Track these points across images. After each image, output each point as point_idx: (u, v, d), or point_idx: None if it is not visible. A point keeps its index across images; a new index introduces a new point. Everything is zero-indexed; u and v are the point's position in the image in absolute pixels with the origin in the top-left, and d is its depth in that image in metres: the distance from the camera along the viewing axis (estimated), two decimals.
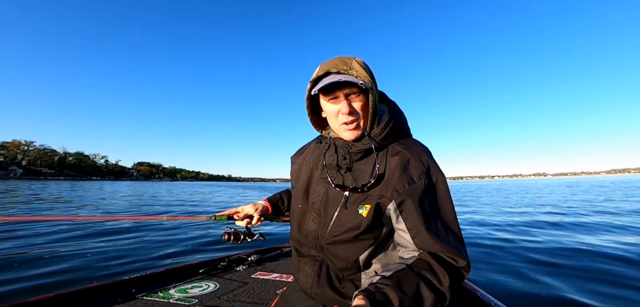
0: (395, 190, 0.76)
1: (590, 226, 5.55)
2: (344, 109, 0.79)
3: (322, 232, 0.85)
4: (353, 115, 0.81)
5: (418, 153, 0.82)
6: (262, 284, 1.61)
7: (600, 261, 3.29)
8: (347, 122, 0.81)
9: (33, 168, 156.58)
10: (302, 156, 1.06)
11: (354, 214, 0.80)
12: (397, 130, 0.86)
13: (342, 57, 0.83)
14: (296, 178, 1.04)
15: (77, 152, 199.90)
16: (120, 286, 1.48)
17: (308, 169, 0.99)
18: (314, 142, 1.05)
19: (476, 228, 5.62)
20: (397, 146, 0.84)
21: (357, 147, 0.84)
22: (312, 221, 0.89)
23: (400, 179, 0.77)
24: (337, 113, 0.82)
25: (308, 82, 0.85)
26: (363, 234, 0.79)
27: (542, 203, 10.61)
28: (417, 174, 0.77)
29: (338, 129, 0.85)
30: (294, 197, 1.01)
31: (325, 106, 0.85)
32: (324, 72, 0.80)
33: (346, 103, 0.79)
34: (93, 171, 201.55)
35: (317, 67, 0.85)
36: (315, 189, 0.92)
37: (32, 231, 4.76)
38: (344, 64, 0.80)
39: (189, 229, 5.13)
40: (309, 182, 0.96)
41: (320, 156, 0.95)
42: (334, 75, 0.77)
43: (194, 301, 1.37)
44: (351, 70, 0.78)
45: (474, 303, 1.32)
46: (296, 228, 0.96)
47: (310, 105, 0.90)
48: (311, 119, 0.94)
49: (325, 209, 0.86)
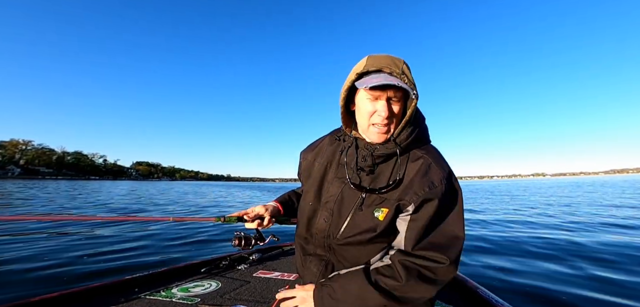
0: (415, 193, 0.75)
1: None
2: (382, 111, 0.77)
3: (335, 232, 0.83)
4: (389, 120, 0.79)
5: (439, 160, 0.81)
6: (264, 283, 1.62)
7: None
8: (380, 124, 0.79)
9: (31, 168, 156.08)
10: (315, 152, 1.02)
11: (369, 216, 0.79)
12: (421, 136, 0.85)
13: (394, 58, 0.80)
14: (307, 174, 1.00)
15: (75, 152, 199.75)
16: (122, 285, 1.48)
17: (322, 165, 0.95)
18: (329, 138, 1.01)
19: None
20: (418, 152, 0.83)
21: (381, 151, 0.82)
22: (324, 220, 0.87)
23: (421, 183, 0.76)
24: (373, 113, 0.79)
25: (350, 72, 0.81)
26: (378, 237, 0.78)
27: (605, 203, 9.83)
28: (438, 178, 0.76)
29: (367, 128, 0.83)
30: (305, 194, 0.98)
31: (362, 102, 0.81)
32: (375, 68, 0.77)
33: (386, 106, 0.77)
34: (92, 170, 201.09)
35: (365, 59, 0.81)
36: (329, 187, 0.89)
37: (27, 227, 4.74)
38: (396, 66, 0.77)
39: (194, 228, 5.10)
40: (322, 179, 0.93)
41: (336, 153, 0.93)
42: (387, 76, 0.75)
43: (196, 300, 1.38)
44: (403, 76, 0.76)
45: (475, 301, 1.33)
46: (304, 226, 0.93)
47: (345, 96, 0.85)
48: (342, 112, 0.88)
49: (339, 209, 0.84)
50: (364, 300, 0.73)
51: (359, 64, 0.81)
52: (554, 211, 8.19)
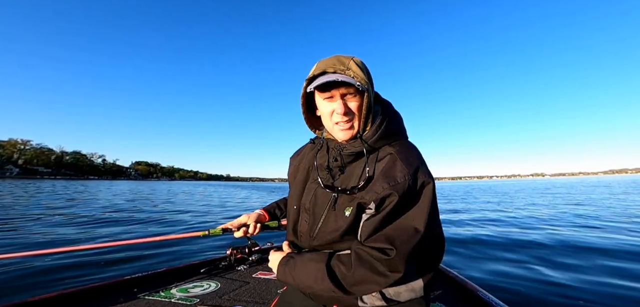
0: (375, 191, 0.75)
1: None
2: (339, 109, 0.79)
3: (313, 233, 0.86)
4: (348, 116, 0.80)
5: (407, 155, 0.80)
6: (263, 283, 1.62)
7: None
8: (341, 122, 0.81)
9: (30, 167, 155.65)
10: (299, 157, 1.05)
11: (340, 215, 0.80)
12: (390, 132, 0.84)
13: (340, 57, 0.81)
14: (293, 179, 1.03)
15: (74, 151, 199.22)
16: (122, 285, 1.49)
17: (304, 170, 0.98)
18: (310, 143, 1.04)
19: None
20: (389, 148, 0.82)
21: (349, 150, 0.84)
22: (305, 221, 0.90)
23: (384, 180, 0.75)
24: (332, 113, 0.81)
25: (304, 80, 0.84)
26: (346, 234, 0.79)
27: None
28: (401, 175, 0.75)
29: (332, 128, 0.85)
30: (290, 198, 1.01)
31: (320, 105, 0.84)
32: (320, 70, 0.80)
33: (341, 103, 0.79)
34: (90, 170, 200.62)
35: (315, 65, 0.84)
36: (308, 191, 0.92)
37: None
38: (341, 63, 0.79)
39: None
40: (304, 183, 0.96)
41: (314, 157, 0.95)
42: (331, 75, 0.77)
43: (196, 301, 1.38)
44: (348, 71, 0.77)
45: (475, 302, 1.33)
46: (291, 229, 0.97)
47: (305, 103, 0.89)
48: (305, 118, 0.94)
49: (313, 210, 0.87)
50: (316, 282, 0.77)
51: (310, 71, 0.84)
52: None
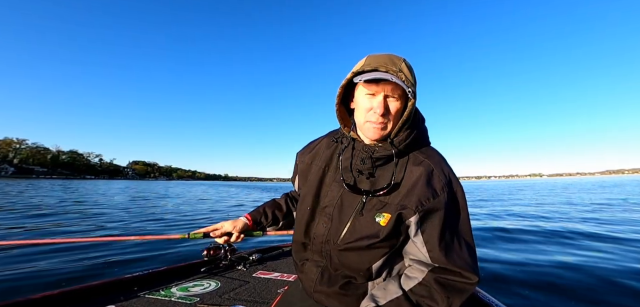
0: (420, 202, 0.74)
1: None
2: (379, 108, 0.76)
3: (334, 238, 0.81)
4: (385, 118, 0.77)
5: (440, 164, 0.80)
6: (263, 283, 1.63)
7: None
8: (376, 120, 0.77)
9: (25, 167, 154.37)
10: (312, 154, 0.99)
11: (370, 221, 0.77)
12: (420, 138, 0.84)
13: (392, 56, 0.79)
14: (304, 177, 0.97)
15: (70, 151, 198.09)
16: (122, 283, 1.49)
17: (319, 168, 0.92)
18: (326, 139, 0.98)
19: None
20: (420, 155, 0.81)
21: (380, 152, 0.81)
22: (323, 224, 0.84)
23: (425, 191, 0.74)
24: (369, 109, 0.78)
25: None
26: (380, 243, 0.76)
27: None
28: (440, 186, 0.75)
29: (363, 124, 0.80)
30: (302, 199, 0.94)
31: (360, 98, 0.80)
32: (371, 67, 0.77)
33: (383, 102, 0.76)
34: (87, 169, 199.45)
35: (364, 59, 0.81)
36: (328, 191, 0.87)
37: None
38: (393, 63, 0.77)
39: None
40: (320, 183, 0.90)
41: (335, 155, 0.90)
42: (383, 73, 0.75)
43: (196, 300, 1.39)
44: (400, 73, 0.75)
45: (475, 303, 1.33)
46: (302, 230, 0.90)
47: (342, 93, 0.85)
48: (338, 109, 0.88)
49: (339, 214, 0.82)
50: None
51: (358, 64, 0.81)
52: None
